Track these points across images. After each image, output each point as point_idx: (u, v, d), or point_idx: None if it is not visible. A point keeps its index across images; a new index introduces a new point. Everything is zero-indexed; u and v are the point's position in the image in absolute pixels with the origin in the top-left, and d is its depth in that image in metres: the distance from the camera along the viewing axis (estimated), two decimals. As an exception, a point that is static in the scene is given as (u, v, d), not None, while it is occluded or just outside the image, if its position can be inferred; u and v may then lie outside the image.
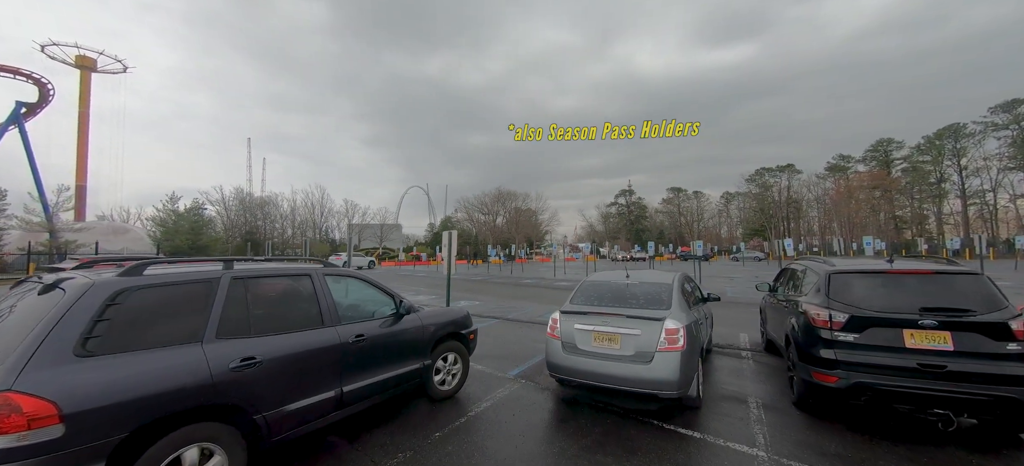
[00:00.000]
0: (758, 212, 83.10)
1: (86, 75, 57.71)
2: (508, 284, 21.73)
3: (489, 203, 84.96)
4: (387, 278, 26.76)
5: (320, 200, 79.48)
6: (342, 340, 3.67)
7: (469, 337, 5.41)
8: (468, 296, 16.18)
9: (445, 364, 4.98)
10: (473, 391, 5.33)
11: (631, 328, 4.45)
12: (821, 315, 4.30)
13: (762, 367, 6.37)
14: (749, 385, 5.57)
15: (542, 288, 19.23)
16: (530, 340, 8.27)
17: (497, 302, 14.25)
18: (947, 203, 65.54)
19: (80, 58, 57.29)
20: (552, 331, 4.93)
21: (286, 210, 76.39)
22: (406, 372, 4.35)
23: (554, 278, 25.05)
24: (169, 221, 46.70)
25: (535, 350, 7.39)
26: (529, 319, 10.72)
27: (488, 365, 6.53)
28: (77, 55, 57.03)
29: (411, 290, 18.86)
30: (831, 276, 4.53)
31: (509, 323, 10.29)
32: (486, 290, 18.64)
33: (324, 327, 3.61)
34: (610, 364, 4.42)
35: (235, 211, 68.90)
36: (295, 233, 77.48)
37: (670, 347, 4.26)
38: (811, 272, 5.14)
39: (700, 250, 21.43)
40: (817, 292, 4.60)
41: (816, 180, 78.74)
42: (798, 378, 4.57)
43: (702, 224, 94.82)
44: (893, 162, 71.00)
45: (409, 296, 17.04)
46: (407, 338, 4.41)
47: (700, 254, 21.74)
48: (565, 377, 4.75)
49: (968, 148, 59.39)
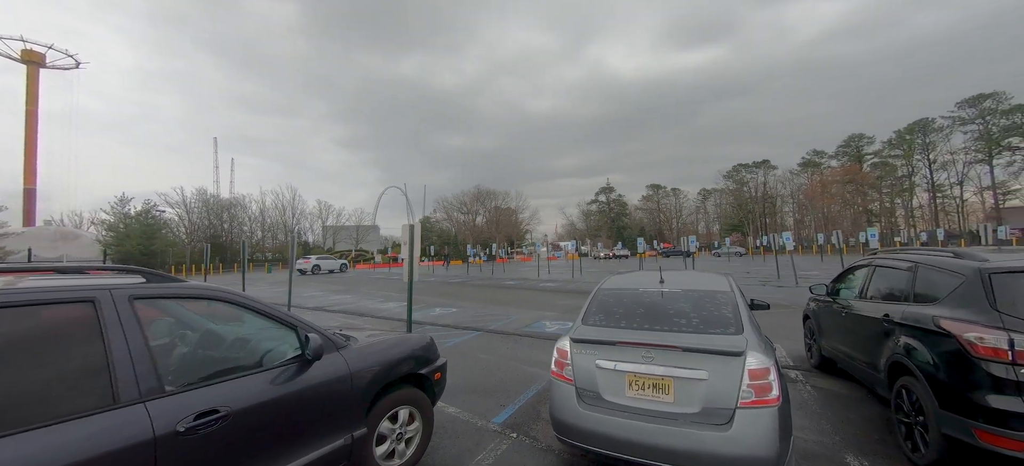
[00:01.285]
0: (736, 208, 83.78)
1: (33, 71, 53.09)
2: (489, 286, 19.94)
3: (469, 202, 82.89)
4: (357, 282, 24.53)
5: (291, 201, 75.79)
6: (158, 431, 1.84)
7: (433, 378, 3.63)
8: (443, 302, 14.32)
9: (394, 426, 3.18)
10: (441, 459, 3.56)
11: (690, 368, 2.77)
12: (992, 340, 2.71)
13: (827, 396, 4.80)
14: (828, 428, 3.97)
15: (526, 290, 17.53)
16: (517, 361, 6.54)
17: (476, 309, 12.47)
18: (916, 196, 67.26)
19: (26, 53, 52.65)
20: (559, 371, 3.21)
21: (255, 212, 72.44)
22: (318, 458, 2.54)
23: (538, 278, 23.39)
24: (119, 225, 42.95)
25: (526, 378, 5.66)
26: (515, 330, 8.99)
27: (464, 405, 4.76)
28: (23, 49, 52.35)
29: (379, 295, 16.86)
30: (992, 276, 2.95)
31: (491, 337, 8.53)
32: (464, 294, 16.81)
33: (116, 408, 1.78)
34: (660, 429, 2.71)
35: (197, 214, 64.65)
36: (265, 236, 73.74)
37: (759, 400, 2.60)
38: (933, 270, 3.54)
39: (694, 245, 20.14)
40: (965, 301, 3.02)
41: (789, 176, 79.93)
42: (936, 435, 2.98)
43: (681, 221, 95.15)
44: (864, 157, 72.46)
45: (375, 303, 15.15)
46: (318, 398, 2.59)
47: (692, 249, 20.46)
48: (584, 445, 3.01)
49: (937, 143, 60.88)
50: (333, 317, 11.74)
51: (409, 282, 6.06)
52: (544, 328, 9.17)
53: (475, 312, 11.81)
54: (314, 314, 12.45)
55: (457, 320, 10.54)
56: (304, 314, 12.10)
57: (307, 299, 16.60)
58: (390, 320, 10.89)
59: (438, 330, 9.32)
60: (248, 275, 41.71)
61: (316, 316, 11.97)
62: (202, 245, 55.20)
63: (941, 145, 60.63)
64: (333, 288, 21.31)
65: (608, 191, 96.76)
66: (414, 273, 5.64)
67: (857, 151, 72.88)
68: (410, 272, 5.82)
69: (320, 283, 25.44)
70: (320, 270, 36.03)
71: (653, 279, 3.91)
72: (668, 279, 3.84)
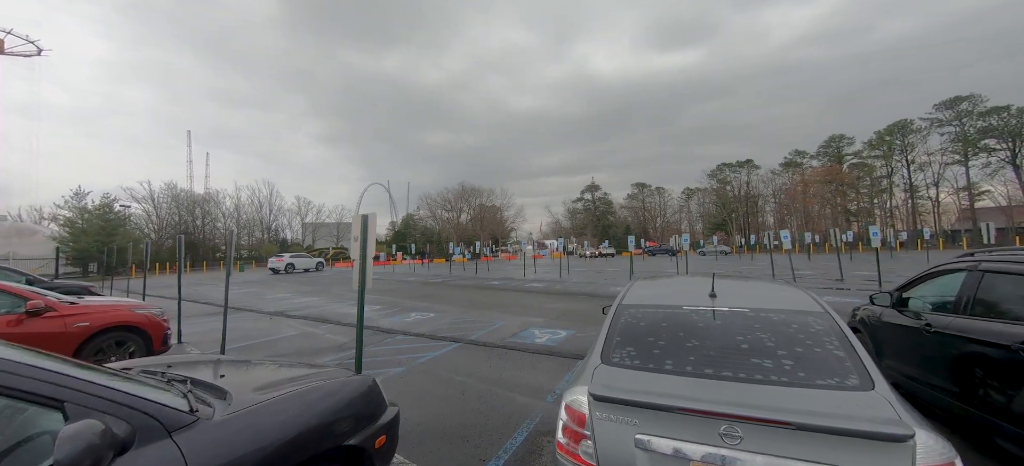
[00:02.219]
0: (719, 207, 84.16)
1: (-10, 58, 49.28)
2: (471, 287, 18.63)
3: (453, 200, 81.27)
4: (331, 282, 22.88)
5: (268, 197, 72.97)
6: None
7: (375, 446, 2.37)
8: (421, 306, 12.98)
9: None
10: None
11: (811, 462, 1.58)
12: None
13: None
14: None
15: (512, 291, 16.30)
16: (502, 386, 5.31)
17: (457, 313, 11.19)
18: (891, 197, 68.42)
19: (-17, 39, 48.77)
20: (572, 449, 1.99)
21: (230, 208, 69.45)
22: None
23: (524, 278, 22.18)
24: (78, 221, 40.09)
25: (513, 412, 4.43)
26: (500, 341, 7.76)
27: (429, 460, 3.50)
28: (-22, 35, 48.48)
29: (351, 298, 15.39)
30: None
31: (471, 351, 7.28)
32: (445, 296, 15.48)
33: None
34: None
35: (166, 209, 61.47)
36: (240, 232, 70.79)
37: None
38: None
39: (686, 244, 19.23)
40: None
41: (771, 176, 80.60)
42: None
43: (665, 220, 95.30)
44: (845, 158, 73.43)
45: (344, 307, 13.61)
46: None
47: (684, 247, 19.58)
48: None
49: (915, 144, 61.92)
50: (293, 323, 10.30)
51: (360, 293, 4.33)
52: (532, 338, 7.97)
53: (455, 318, 10.53)
54: (272, 321, 10.98)
55: (434, 328, 9.25)
56: (255, 322, 10.61)
57: (269, 302, 15.03)
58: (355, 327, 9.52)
59: (410, 342, 8.03)
60: (217, 274, 39.41)
61: (274, 323, 10.52)
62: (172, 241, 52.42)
63: (919, 146, 61.68)
64: (303, 289, 19.70)
65: (593, 189, 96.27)
66: (368, 278, 4.28)
67: (838, 152, 73.83)
68: (362, 278, 4.24)
69: (291, 283, 23.71)
70: (294, 269, 34.07)
71: (699, 289, 2.72)
72: (722, 291, 2.65)
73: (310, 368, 2.74)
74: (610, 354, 2.30)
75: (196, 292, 19.40)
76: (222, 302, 15.74)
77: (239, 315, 12.02)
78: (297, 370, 2.66)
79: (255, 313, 12.39)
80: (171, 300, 16.49)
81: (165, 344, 6.41)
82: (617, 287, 16.64)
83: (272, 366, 2.89)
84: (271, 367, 2.85)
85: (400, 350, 7.37)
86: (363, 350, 7.51)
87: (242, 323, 10.60)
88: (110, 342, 5.75)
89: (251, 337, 8.83)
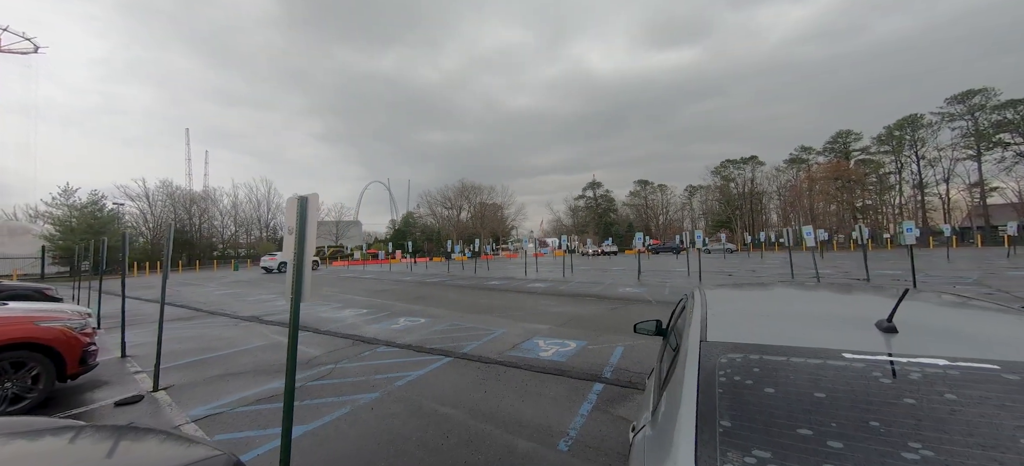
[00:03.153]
0: (723, 204, 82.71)
1: (-14, 54, 48.18)
2: (470, 287, 17.41)
3: (453, 197, 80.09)
4: (323, 282, 21.64)
5: (266, 195, 71.83)
6: None
7: None
8: (413, 309, 11.78)
9: None
10: None
11: None
12: None
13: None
14: None
15: (513, 292, 15.08)
16: (500, 425, 4.10)
17: (452, 318, 9.98)
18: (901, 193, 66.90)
19: (-23, 35, 47.57)
20: None
21: (227, 206, 68.37)
22: None
23: (526, 278, 20.95)
24: (66, 218, 38.99)
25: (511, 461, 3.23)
26: (498, 355, 6.55)
27: None
28: (-27, 31, 47.28)
29: (339, 300, 14.18)
30: None
31: (464, 368, 6.07)
32: (440, 298, 14.27)
33: None
34: None
35: (161, 207, 60.29)
36: (238, 231, 69.76)
37: None
38: None
39: (699, 241, 17.99)
40: None
41: (775, 173, 79.08)
42: None
43: (668, 217, 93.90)
44: (851, 153, 71.91)
45: (329, 311, 12.15)
46: None
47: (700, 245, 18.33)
48: None
49: (926, 139, 60.42)
50: (264, 332, 9.10)
51: (294, 306, 2.97)
52: (537, 352, 6.76)
53: (449, 324, 9.32)
54: (246, 326, 9.79)
55: (423, 337, 8.04)
56: (224, 329, 9.39)
57: (251, 304, 13.84)
58: (335, 337, 8.33)
59: (392, 355, 6.82)
60: (210, 273, 38.22)
61: (244, 331, 9.31)
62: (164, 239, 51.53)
63: (929, 141, 60.16)
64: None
65: (595, 186, 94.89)
66: (304, 287, 2.97)
67: (845, 147, 72.30)
68: (298, 283, 2.91)
69: (280, 283, 22.53)
70: (286, 268, 32.92)
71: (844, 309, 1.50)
72: (908, 317, 1.43)
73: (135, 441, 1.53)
74: (714, 458, 1.09)
75: (180, 293, 18.23)
76: (204, 305, 14.58)
77: (210, 321, 10.82)
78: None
79: (228, 318, 11.19)
80: (152, 303, 15.33)
81: (85, 363, 5.21)
82: (625, 288, 15.37)
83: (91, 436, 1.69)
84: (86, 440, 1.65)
85: (378, 367, 6.16)
86: (331, 369, 6.19)
87: (208, 330, 9.40)
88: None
89: (211, 349, 7.62)
